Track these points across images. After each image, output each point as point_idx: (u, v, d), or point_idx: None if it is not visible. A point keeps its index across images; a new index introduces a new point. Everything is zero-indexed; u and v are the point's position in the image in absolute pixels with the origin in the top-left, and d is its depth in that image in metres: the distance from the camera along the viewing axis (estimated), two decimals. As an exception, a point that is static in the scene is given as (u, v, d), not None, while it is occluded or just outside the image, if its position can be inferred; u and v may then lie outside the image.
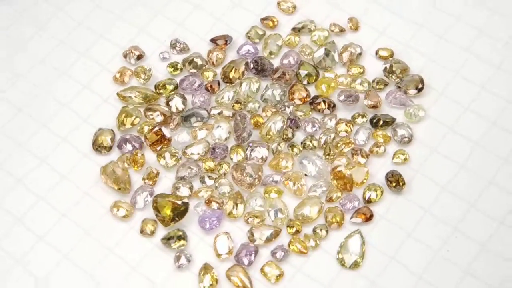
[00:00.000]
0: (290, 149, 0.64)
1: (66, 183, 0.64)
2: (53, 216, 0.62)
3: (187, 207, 0.61)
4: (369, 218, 0.61)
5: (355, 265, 0.59)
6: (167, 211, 0.61)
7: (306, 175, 0.63)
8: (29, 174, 0.64)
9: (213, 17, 0.71)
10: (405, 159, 0.63)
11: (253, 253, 0.60)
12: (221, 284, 0.59)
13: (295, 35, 0.69)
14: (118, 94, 0.67)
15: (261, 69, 0.67)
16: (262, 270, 0.59)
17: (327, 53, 0.67)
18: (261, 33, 0.70)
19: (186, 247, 0.60)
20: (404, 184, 0.62)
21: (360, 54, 0.68)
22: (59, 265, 0.60)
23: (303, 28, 0.69)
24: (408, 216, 0.61)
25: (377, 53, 0.68)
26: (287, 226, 0.61)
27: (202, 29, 0.70)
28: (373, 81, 0.67)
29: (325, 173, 0.63)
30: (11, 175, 0.64)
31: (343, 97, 0.65)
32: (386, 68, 0.66)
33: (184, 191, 0.62)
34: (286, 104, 0.66)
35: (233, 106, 0.66)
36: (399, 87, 0.66)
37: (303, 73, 0.67)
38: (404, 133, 0.64)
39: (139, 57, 0.69)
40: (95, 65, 0.69)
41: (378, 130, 0.65)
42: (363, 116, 0.65)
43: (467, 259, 0.59)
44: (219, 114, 0.65)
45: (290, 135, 0.64)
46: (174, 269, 0.60)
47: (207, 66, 0.68)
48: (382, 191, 0.62)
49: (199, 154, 0.64)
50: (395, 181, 0.62)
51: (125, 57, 0.69)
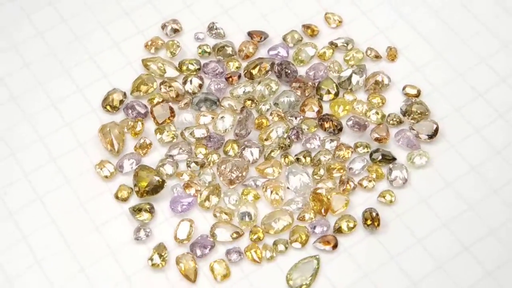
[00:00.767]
0: (282, 158, 0.64)
1: (66, 130, 0.66)
2: (43, 158, 0.65)
3: (163, 185, 0.62)
4: (333, 247, 0.60)
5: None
6: (144, 183, 0.62)
7: (288, 188, 0.62)
8: (38, 113, 0.67)
9: (258, 12, 0.71)
10: (391, 201, 0.61)
11: (209, 247, 0.60)
12: (169, 266, 0.60)
13: (330, 49, 0.68)
14: (143, 60, 0.68)
15: (284, 73, 0.67)
16: (211, 265, 0.60)
17: (354, 75, 0.66)
18: (298, 38, 0.69)
19: (150, 222, 0.61)
20: (379, 225, 0.60)
21: (387, 85, 0.66)
22: (32, 204, 0.63)
23: (341, 45, 0.68)
24: (372, 257, 0.59)
25: (404, 89, 0.66)
26: (251, 231, 0.61)
27: (244, 20, 0.70)
28: (389, 115, 0.65)
29: (306, 191, 0.62)
30: (22, 111, 0.67)
31: (351, 123, 0.64)
32: (404, 107, 0.65)
33: (168, 169, 0.63)
34: (295, 113, 0.65)
35: (245, 101, 0.66)
36: (412, 129, 0.64)
37: (323, 88, 0.66)
38: (399, 175, 0.62)
39: (176, 31, 0.70)
40: (132, 26, 0.70)
41: (375, 164, 0.63)
42: (366, 146, 0.64)
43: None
44: (228, 105, 0.66)
45: (287, 145, 0.64)
46: (131, 239, 0.61)
47: (235, 56, 0.69)
48: (355, 225, 0.60)
49: (195, 138, 0.64)
50: (371, 219, 0.60)
51: (163, 28, 0.70)
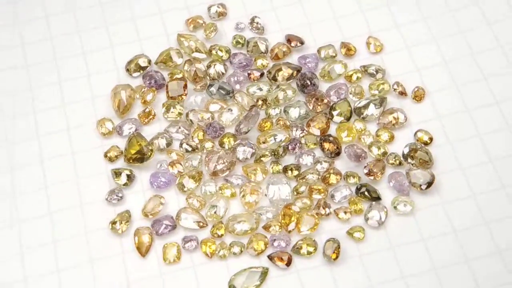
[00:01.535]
0: (272, 165, 0.63)
1: (84, 81, 0.67)
2: (56, 100, 0.67)
3: (150, 156, 0.63)
4: (286, 264, 0.59)
5: (240, 295, 0.58)
6: (133, 150, 0.63)
7: (265, 195, 0.62)
8: (68, 58, 0.69)
9: (305, 18, 0.70)
10: (359, 239, 0.60)
11: (170, 227, 0.61)
12: (127, 234, 0.61)
13: (359, 73, 0.67)
14: (178, 35, 0.69)
15: (305, 84, 0.66)
16: (165, 246, 0.60)
17: (371, 105, 0.65)
18: (332, 54, 0.68)
19: (126, 188, 0.63)
20: (337, 257, 0.59)
21: (401, 123, 0.64)
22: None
23: (371, 72, 0.67)
24: (321, 285, 0.59)
25: (416, 133, 0.64)
26: (214, 225, 0.61)
27: (288, 23, 0.70)
28: (390, 154, 0.63)
29: (281, 203, 0.61)
30: (54, 52, 0.69)
31: (349, 152, 0.63)
32: (407, 150, 0.63)
33: (161, 143, 0.64)
34: (300, 126, 0.65)
35: (257, 100, 0.66)
36: (408, 174, 0.62)
37: (336, 109, 0.65)
38: (375, 216, 0.61)
39: (220, 15, 0.71)
40: (182, 1, 0.71)
41: (358, 198, 0.62)
42: (356, 177, 0.62)
43: None
44: (240, 99, 0.66)
45: (280, 154, 0.63)
46: (103, 199, 0.63)
47: (266, 54, 0.68)
48: (315, 249, 0.59)
49: (199, 122, 0.65)
50: (331, 250, 0.59)
51: (209, 9, 0.71)
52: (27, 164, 0.64)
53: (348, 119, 0.65)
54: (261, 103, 0.66)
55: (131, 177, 0.63)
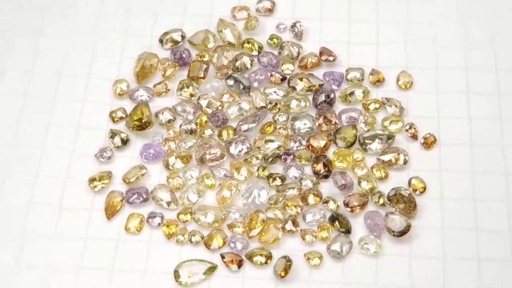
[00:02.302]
0: (258, 169, 0.63)
1: (119, 43, 0.69)
2: (87, 59, 0.69)
3: (149, 127, 0.64)
4: (238, 265, 0.59)
5: (180, 284, 0.59)
6: (135, 117, 0.65)
7: (242, 195, 0.62)
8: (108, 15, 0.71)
9: (348, 36, 0.69)
10: (315, 265, 0.59)
11: (141, 199, 0.62)
12: (100, 194, 0.62)
13: (377, 104, 0.66)
14: (219, 20, 0.70)
15: (320, 99, 0.65)
16: (130, 216, 0.61)
17: (377, 141, 0.63)
18: (358, 78, 0.67)
19: (117, 150, 0.64)
20: (285, 275, 0.58)
21: (401, 165, 0.63)
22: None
23: (390, 106, 0.65)
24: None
25: (410, 179, 0.62)
26: (182, 210, 0.62)
27: (330, 36, 0.69)
28: (376, 193, 0.62)
29: (253, 207, 0.61)
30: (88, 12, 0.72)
31: (337, 178, 0.62)
32: (392, 193, 0.61)
33: (164, 118, 0.65)
34: (300, 139, 0.64)
35: (269, 102, 0.66)
36: (386, 217, 0.60)
37: (341, 133, 0.64)
38: (337, 248, 0.60)
39: (267, 11, 0.71)
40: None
41: (329, 225, 0.61)
42: (335, 204, 0.61)
43: None
44: (253, 97, 0.66)
45: (270, 160, 0.63)
46: (93, 155, 0.64)
47: (295, 61, 0.68)
48: (266, 263, 0.59)
49: (206, 107, 0.66)
50: (281, 267, 0.59)
51: (258, 2, 0.71)
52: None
53: (349, 146, 0.64)
54: (271, 106, 0.66)
55: (125, 141, 0.65)
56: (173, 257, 0.60)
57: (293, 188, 0.62)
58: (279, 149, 0.63)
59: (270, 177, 0.63)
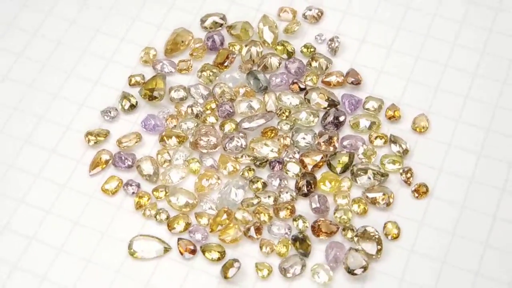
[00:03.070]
0: (245, 169, 0.63)
1: (163, 12, 0.71)
2: (126, 21, 0.71)
3: (155, 99, 0.66)
4: (190, 253, 0.60)
5: (131, 255, 0.60)
6: (149, 86, 0.66)
7: (219, 189, 0.63)
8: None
9: (382, 65, 0.67)
10: (263, 277, 0.59)
11: (126, 164, 0.63)
12: (94, 148, 0.64)
13: (384, 140, 0.64)
14: (264, 15, 0.70)
15: (328, 119, 0.64)
16: (109, 178, 0.63)
17: (370, 178, 0.62)
18: (374, 108, 0.65)
19: (125, 113, 0.66)
20: (229, 277, 0.58)
21: (382, 206, 0.61)
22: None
23: (395, 147, 0.64)
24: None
25: (386, 223, 0.61)
26: (159, 186, 0.63)
27: (365, 60, 0.68)
28: (348, 227, 0.60)
29: (225, 204, 0.62)
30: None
31: (314, 200, 0.61)
32: (360, 231, 0.60)
33: (176, 95, 0.66)
34: (296, 150, 0.64)
35: (280, 108, 0.66)
36: (348, 252, 0.59)
37: (336, 157, 0.63)
38: (288, 269, 0.59)
39: (312, 18, 0.70)
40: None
41: (289, 242, 0.60)
42: (305, 224, 0.61)
43: None
44: (266, 100, 0.66)
45: (258, 164, 0.63)
46: (99, 113, 0.66)
47: (320, 75, 0.67)
48: (220, 259, 0.59)
49: (219, 96, 0.66)
50: (227, 270, 0.59)
51: (307, 8, 0.70)
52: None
53: (341, 172, 0.63)
54: (280, 112, 0.66)
55: (133, 107, 0.66)
56: (134, 228, 0.61)
57: (270, 196, 0.62)
58: (271, 157, 0.63)
59: (252, 180, 0.63)
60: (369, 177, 0.62)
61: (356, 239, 0.60)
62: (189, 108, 0.66)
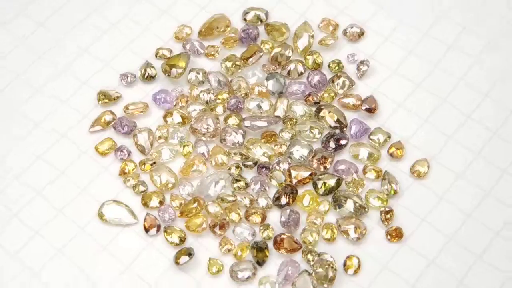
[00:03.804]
0: (232, 166, 0.63)
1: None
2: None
3: (174, 77, 0.67)
4: (146, 230, 0.61)
5: (99, 216, 0.62)
6: (171, 62, 0.67)
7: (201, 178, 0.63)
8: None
9: (400, 100, 0.66)
10: (212, 273, 0.59)
11: (125, 130, 0.65)
12: (101, 107, 0.66)
13: (378, 173, 0.63)
14: (305, 22, 0.69)
15: (328, 140, 0.64)
16: (106, 138, 0.65)
17: (356, 210, 0.61)
18: (381, 141, 0.64)
19: (143, 81, 0.67)
20: (179, 264, 0.59)
21: (352, 239, 0.60)
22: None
23: (386, 185, 0.62)
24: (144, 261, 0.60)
25: (348, 256, 0.60)
26: (146, 160, 0.64)
27: (388, 89, 0.67)
28: (310, 249, 0.60)
29: (200, 193, 0.62)
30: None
31: (283, 214, 0.61)
32: (316, 258, 0.59)
33: (193, 77, 0.67)
34: (288, 161, 0.63)
35: (287, 116, 0.65)
36: (301, 274, 0.59)
37: (323, 179, 0.62)
38: (237, 272, 0.59)
39: (352, 36, 0.69)
40: (344, 3, 0.71)
41: (249, 248, 0.60)
42: (270, 232, 0.60)
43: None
44: (277, 105, 0.66)
45: (247, 165, 0.63)
46: (119, 80, 0.68)
47: (340, 94, 0.66)
48: (176, 244, 0.60)
49: (235, 89, 0.66)
50: (180, 257, 0.59)
51: (351, 26, 0.69)
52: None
53: (324, 194, 0.62)
54: (286, 120, 0.65)
55: (151, 78, 0.68)
56: (111, 192, 0.63)
57: (246, 198, 0.62)
58: (263, 160, 0.63)
59: (236, 178, 0.63)
60: (349, 207, 0.61)
61: (312, 263, 0.59)
62: (202, 93, 0.67)
